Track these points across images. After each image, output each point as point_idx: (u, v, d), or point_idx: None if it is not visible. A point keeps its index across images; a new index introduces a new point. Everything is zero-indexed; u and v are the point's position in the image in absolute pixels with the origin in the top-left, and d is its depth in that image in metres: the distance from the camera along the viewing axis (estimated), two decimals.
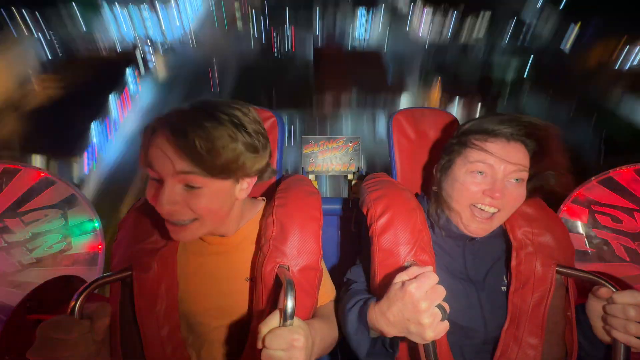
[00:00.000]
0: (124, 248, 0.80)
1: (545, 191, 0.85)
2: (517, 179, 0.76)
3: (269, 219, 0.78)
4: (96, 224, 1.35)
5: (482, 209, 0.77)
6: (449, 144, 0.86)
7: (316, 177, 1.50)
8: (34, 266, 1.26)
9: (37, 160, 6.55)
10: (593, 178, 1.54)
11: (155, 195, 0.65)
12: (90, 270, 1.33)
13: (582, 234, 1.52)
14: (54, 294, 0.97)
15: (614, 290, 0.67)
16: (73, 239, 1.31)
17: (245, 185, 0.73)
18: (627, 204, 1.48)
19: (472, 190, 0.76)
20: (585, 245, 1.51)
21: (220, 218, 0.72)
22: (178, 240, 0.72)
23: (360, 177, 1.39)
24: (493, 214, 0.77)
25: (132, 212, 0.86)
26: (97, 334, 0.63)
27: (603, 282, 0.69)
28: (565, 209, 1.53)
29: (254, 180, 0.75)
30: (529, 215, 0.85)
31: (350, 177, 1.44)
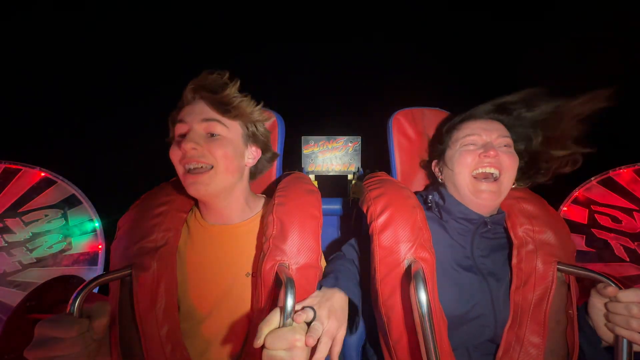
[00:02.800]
0: (123, 247, 0.79)
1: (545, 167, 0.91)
2: (504, 145, 0.85)
3: (269, 217, 0.78)
4: (96, 224, 1.35)
5: (484, 172, 0.83)
6: (437, 137, 1.00)
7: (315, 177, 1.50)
8: (34, 266, 1.26)
9: None
10: (593, 178, 1.54)
11: (180, 144, 0.76)
12: (90, 270, 1.33)
13: (582, 234, 1.52)
14: (54, 294, 0.97)
15: (619, 288, 0.67)
16: (73, 238, 1.31)
17: (252, 154, 0.88)
18: (626, 204, 1.48)
19: (470, 157, 0.85)
20: (585, 245, 1.51)
21: (231, 170, 0.80)
22: (195, 193, 0.78)
23: (360, 177, 1.39)
24: (496, 178, 0.83)
25: (132, 211, 0.86)
26: (96, 332, 0.62)
27: (604, 279, 0.69)
28: (565, 208, 1.53)
29: (258, 151, 0.90)
30: (530, 213, 0.85)
31: (350, 177, 1.44)
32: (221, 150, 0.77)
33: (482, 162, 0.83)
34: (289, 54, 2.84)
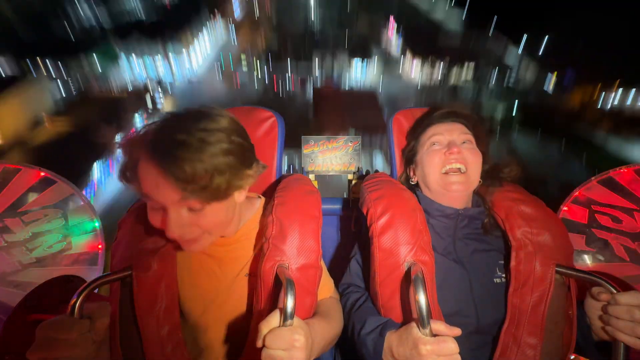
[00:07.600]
0: (123, 247, 0.80)
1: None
2: (465, 141, 0.93)
3: (269, 217, 0.78)
4: (96, 224, 1.35)
5: (451, 168, 0.90)
6: (407, 143, 1.07)
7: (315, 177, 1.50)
8: (34, 266, 1.26)
9: None
10: (593, 178, 1.53)
11: (162, 222, 0.67)
12: (91, 270, 1.33)
13: (582, 234, 1.52)
14: (54, 294, 0.96)
15: (614, 292, 0.67)
16: (73, 238, 1.31)
17: (242, 193, 0.75)
18: (627, 204, 1.47)
19: (437, 156, 0.92)
20: (585, 245, 1.50)
21: (226, 223, 0.76)
22: (190, 251, 0.75)
23: (360, 177, 1.39)
24: (463, 172, 0.90)
25: (132, 212, 0.86)
26: (97, 333, 0.62)
27: (602, 282, 0.69)
28: (565, 208, 1.53)
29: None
30: (528, 215, 0.85)
31: (350, 177, 1.44)
32: (211, 221, 0.69)
33: (449, 159, 0.90)
34: None
